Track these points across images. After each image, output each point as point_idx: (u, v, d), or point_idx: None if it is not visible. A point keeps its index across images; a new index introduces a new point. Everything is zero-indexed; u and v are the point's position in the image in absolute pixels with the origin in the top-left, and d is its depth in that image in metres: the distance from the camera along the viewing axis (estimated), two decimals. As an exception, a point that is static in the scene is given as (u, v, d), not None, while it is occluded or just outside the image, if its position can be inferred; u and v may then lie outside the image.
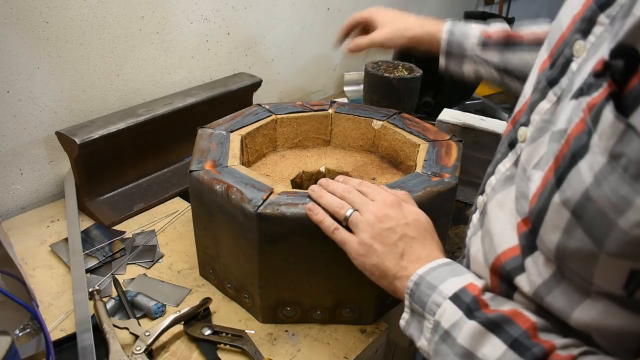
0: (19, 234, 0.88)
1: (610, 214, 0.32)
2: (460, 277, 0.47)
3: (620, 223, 0.32)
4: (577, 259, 0.36)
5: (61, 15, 0.89)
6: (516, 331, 0.40)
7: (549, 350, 0.38)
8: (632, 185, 0.31)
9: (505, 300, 0.44)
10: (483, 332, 0.42)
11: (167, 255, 0.84)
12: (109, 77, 1.00)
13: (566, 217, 0.35)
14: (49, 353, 0.60)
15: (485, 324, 0.42)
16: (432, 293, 0.48)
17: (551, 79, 0.43)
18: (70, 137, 0.85)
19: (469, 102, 1.38)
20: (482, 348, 0.41)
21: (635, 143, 0.30)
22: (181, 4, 1.07)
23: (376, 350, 0.73)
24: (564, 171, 0.36)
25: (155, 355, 0.65)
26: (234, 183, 0.66)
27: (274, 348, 0.68)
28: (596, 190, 0.33)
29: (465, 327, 0.43)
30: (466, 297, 0.45)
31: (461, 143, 0.80)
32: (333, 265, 0.66)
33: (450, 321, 0.45)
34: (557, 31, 0.45)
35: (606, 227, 0.33)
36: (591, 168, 0.33)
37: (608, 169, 0.32)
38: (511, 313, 0.41)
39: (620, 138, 0.31)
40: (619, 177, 0.31)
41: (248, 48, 1.28)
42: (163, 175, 1.04)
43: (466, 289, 0.45)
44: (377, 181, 0.78)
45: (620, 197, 0.31)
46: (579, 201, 0.34)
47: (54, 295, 0.76)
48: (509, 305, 0.43)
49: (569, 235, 0.36)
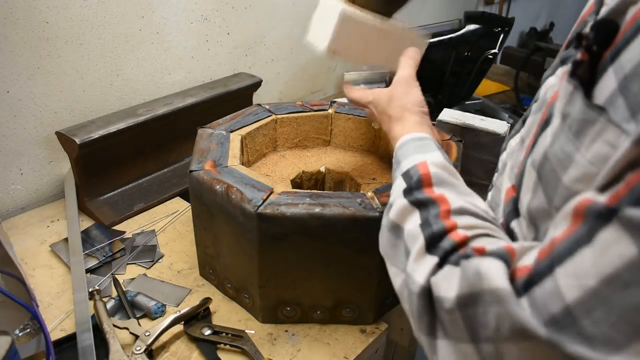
0: (19, 234, 0.88)
1: (558, 171, 0.34)
2: (422, 154, 0.50)
3: (564, 179, 0.33)
4: (540, 219, 0.37)
5: (61, 15, 0.89)
6: (433, 211, 0.42)
7: (449, 228, 0.40)
8: (573, 142, 0.33)
9: (447, 179, 0.46)
10: (409, 209, 0.45)
11: (167, 255, 0.84)
12: (109, 77, 1.00)
13: (533, 178, 0.38)
14: (49, 353, 0.60)
15: (413, 202, 0.45)
16: (396, 168, 0.51)
17: (565, 57, 0.44)
18: (70, 137, 0.85)
19: (469, 102, 1.38)
20: (405, 222, 0.45)
21: (577, 103, 0.33)
22: (181, 4, 1.07)
23: (376, 350, 0.73)
24: (538, 135, 0.38)
25: (155, 355, 0.65)
26: (234, 183, 0.66)
27: (274, 348, 0.68)
28: (550, 149, 0.35)
29: (397, 203, 0.46)
30: (414, 174, 0.47)
31: (461, 143, 0.80)
32: (333, 265, 0.66)
33: (393, 195, 0.48)
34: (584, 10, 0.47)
35: (555, 183, 0.34)
36: (552, 129, 0.36)
37: (559, 129, 0.34)
38: (438, 197, 0.43)
39: (569, 99, 0.34)
40: (565, 135, 0.33)
41: (248, 48, 1.28)
42: (163, 175, 1.04)
43: (417, 166, 0.48)
44: (377, 181, 0.78)
45: (565, 153, 0.33)
46: (540, 161, 0.36)
47: (54, 295, 0.76)
48: (443, 189, 0.45)
49: (534, 194, 0.38)
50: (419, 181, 0.46)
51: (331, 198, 0.64)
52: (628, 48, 0.30)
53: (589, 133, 0.31)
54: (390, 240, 0.47)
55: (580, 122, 0.32)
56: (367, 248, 0.64)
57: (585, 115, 0.32)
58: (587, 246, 0.28)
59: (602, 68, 0.32)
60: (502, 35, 1.28)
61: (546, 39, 1.96)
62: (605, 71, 0.32)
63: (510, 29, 1.31)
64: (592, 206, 0.29)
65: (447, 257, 0.38)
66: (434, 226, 0.41)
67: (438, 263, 0.39)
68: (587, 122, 0.31)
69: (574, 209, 0.30)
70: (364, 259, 0.65)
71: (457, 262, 0.37)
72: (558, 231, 0.31)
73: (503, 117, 1.33)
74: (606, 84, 0.31)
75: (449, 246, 0.39)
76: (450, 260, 0.38)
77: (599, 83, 0.32)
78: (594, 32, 0.33)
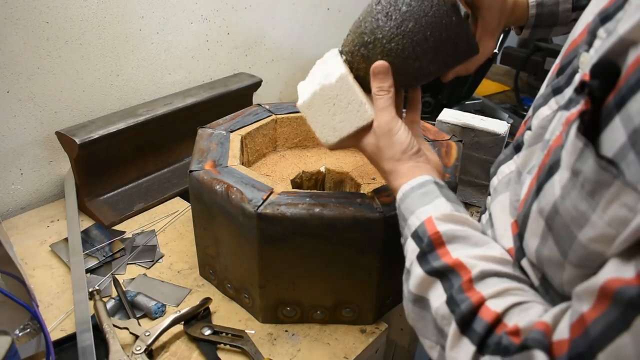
0: (19, 234, 0.88)
1: (572, 227, 0.33)
2: (426, 206, 0.48)
3: (580, 237, 0.33)
4: (549, 267, 0.37)
5: (61, 15, 0.89)
6: (455, 283, 0.41)
7: (477, 304, 0.39)
8: (588, 202, 0.32)
9: (458, 232, 0.45)
10: (429, 280, 0.43)
11: (167, 255, 0.84)
12: (109, 77, 1.00)
13: (541, 226, 0.37)
14: (49, 353, 0.60)
15: (430, 273, 0.43)
16: (404, 225, 0.49)
17: (556, 87, 0.44)
18: (70, 137, 0.85)
19: (469, 102, 1.38)
20: (428, 295, 0.44)
21: (590, 162, 0.31)
22: (181, 4, 1.07)
23: (376, 350, 0.73)
24: (543, 181, 0.37)
25: (155, 355, 0.65)
26: (234, 183, 0.66)
27: (274, 348, 0.68)
28: (562, 204, 0.34)
29: (415, 273, 0.45)
30: (424, 236, 0.45)
31: (461, 143, 0.80)
32: (333, 265, 0.66)
33: (408, 259, 0.47)
34: (571, 36, 0.46)
35: (569, 239, 0.34)
36: (560, 181, 0.34)
37: (571, 185, 0.33)
38: (455, 264, 0.42)
39: (579, 156, 0.32)
40: (578, 193, 0.33)
41: (248, 48, 1.28)
42: (163, 175, 1.04)
43: (424, 225, 0.46)
44: (377, 181, 0.78)
45: (579, 212, 0.32)
46: (549, 212, 0.35)
47: (54, 295, 0.76)
48: (456, 246, 0.44)
49: (544, 243, 0.37)
50: (430, 244, 0.44)
51: (331, 198, 0.64)
52: (635, 98, 0.29)
53: (604, 195, 0.31)
54: (417, 312, 0.45)
55: (594, 182, 0.31)
56: (367, 248, 0.64)
57: (599, 176, 0.31)
58: (625, 332, 0.28)
59: (607, 114, 0.31)
60: (502, 35, 1.28)
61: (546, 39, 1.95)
62: (612, 119, 0.31)
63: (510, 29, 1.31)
64: (624, 290, 0.29)
65: (485, 343, 0.38)
66: (462, 305, 0.40)
67: (476, 350, 0.38)
68: (602, 184, 0.31)
69: (602, 287, 0.30)
70: (364, 259, 0.65)
71: (495, 351, 0.37)
72: (585, 306, 0.31)
73: (503, 117, 1.33)
74: (614, 134, 0.30)
75: (483, 330, 0.38)
76: (489, 348, 0.37)
77: (606, 131, 0.31)
78: (595, 77, 0.32)
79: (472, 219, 0.47)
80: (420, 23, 0.52)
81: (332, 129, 0.57)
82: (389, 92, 0.54)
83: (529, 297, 0.39)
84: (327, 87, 0.56)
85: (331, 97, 0.56)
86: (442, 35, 0.52)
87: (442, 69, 0.56)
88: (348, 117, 0.56)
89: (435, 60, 0.54)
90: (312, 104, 0.58)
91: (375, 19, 0.54)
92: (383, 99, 0.54)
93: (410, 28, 0.52)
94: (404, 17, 0.52)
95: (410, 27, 0.52)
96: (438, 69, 0.56)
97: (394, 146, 0.53)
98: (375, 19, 0.54)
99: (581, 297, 0.32)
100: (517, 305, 0.38)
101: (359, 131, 0.56)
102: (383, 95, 0.54)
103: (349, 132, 0.56)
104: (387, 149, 0.53)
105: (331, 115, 0.57)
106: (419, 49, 0.53)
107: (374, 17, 0.54)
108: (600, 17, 0.38)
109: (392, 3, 0.53)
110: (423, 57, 0.54)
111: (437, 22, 0.52)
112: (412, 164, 0.52)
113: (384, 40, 0.54)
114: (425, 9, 0.51)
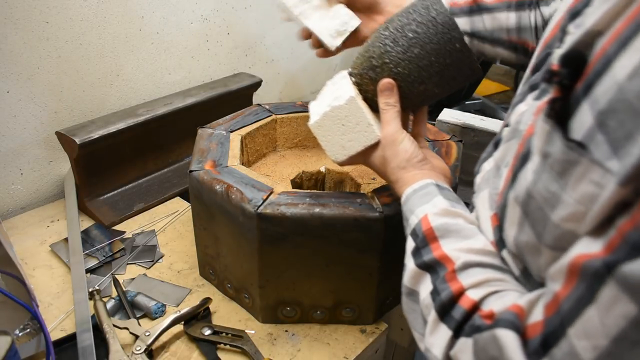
0: (19, 234, 0.88)
1: (545, 209, 0.34)
2: (425, 205, 0.49)
3: (553, 217, 0.33)
4: (527, 253, 0.38)
5: (61, 15, 0.89)
6: (440, 274, 0.43)
7: (457, 294, 0.41)
8: (558, 182, 0.33)
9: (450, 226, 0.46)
10: (419, 273, 0.46)
11: (167, 255, 0.84)
12: (109, 77, 1.00)
13: (518, 213, 0.38)
14: (49, 353, 0.60)
15: (421, 266, 0.45)
16: (406, 226, 0.51)
17: (533, 84, 0.45)
18: (70, 137, 0.85)
19: (469, 102, 1.39)
20: (419, 288, 0.46)
21: (558, 143, 0.33)
22: (181, 4, 1.07)
23: (376, 350, 0.73)
24: (517, 170, 0.38)
25: (155, 355, 0.65)
26: (234, 183, 0.66)
27: (274, 348, 0.68)
28: (534, 187, 0.35)
29: (408, 267, 0.47)
30: (419, 232, 0.47)
31: (461, 143, 0.80)
32: (333, 265, 0.66)
33: (406, 257, 0.49)
34: (544, 35, 0.47)
35: (543, 221, 0.35)
36: (532, 167, 0.36)
37: (541, 168, 0.34)
38: (442, 257, 0.44)
39: (547, 139, 0.34)
40: (548, 174, 0.34)
41: (248, 48, 1.28)
42: (163, 175, 1.04)
43: (420, 222, 0.48)
44: (377, 181, 0.78)
45: (550, 192, 0.33)
46: (524, 198, 0.37)
47: (54, 295, 0.75)
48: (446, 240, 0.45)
49: (521, 229, 0.38)
50: (424, 239, 0.46)
51: (331, 198, 0.64)
52: (600, 82, 0.30)
53: (573, 173, 0.31)
54: (409, 305, 0.47)
55: (563, 162, 0.32)
56: (367, 248, 0.64)
57: (567, 156, 0.32)
58: (591, 305, 0.29)
59: (575, 100, 0.32)
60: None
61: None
62: (580, 104, 0.32)
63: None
64: (589, 263, 0.29)
65: (461, 328, 0.39)
66: (442, 294, 0.41)
67: (453, 335, 0.39)
68: (570, 163, 0.32)
69: (571, 264, 0.31)
70: (364, 259, 0.65)
71: (470, 333, 0.38)
72: (557, 285, 0.32)
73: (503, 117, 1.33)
74: (582, 118, 0.31)
75: (460, 316, 0.39)
76: (464, 332, 0.39)
77: (575, 116, 0.32)
78: (564, 66, 0.33)
79: (467, 213, 0.48)
80: (425, 49, 0.55)
81: (341, 147, 0.61)
82: (395, 106, 0.57)
83: (509, 286, 0.40)
84: (337, 109, 0.59)
85: (340, 117, 0.59)
86: (447, 61, 0.55)
87: (446, 91, 0.59)
88: (356, 136, 0.59)
89: (440, 84, 0.57)
90: (323, 124, 0.61)
91: (383, 44, 0.57)
92: (389, 113, 0.57)
93: (416, 54, 0.55)
94: (410, 43, 0.55)
95: (416, 52, 0.55)
96: (442, 92, 0.59)
97: (398, 155, 0.55)
98: (383, 44, 0.57)
99: (554, 278, 0.33)
100: (495, 293, 0.40)
101: (366, 149, 0.59)
102: (389, 109, 0.57)
103: (357, 151, 0.60)
104: (392, 159, 0.56)
105: (340, 135, 0.60)
106: (425, 74, 0.56)
107: (381, 42, 0.57)
108: (569, 14, 0.40)
109: (399, 30, 0.56)
110: (428, 81, 0.57)
111: (441, 48, 0.55)
112: (416, 171, 0.54)
113: (391, 64, 0.57)
114: (430, 36, 0.54)
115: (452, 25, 0.54)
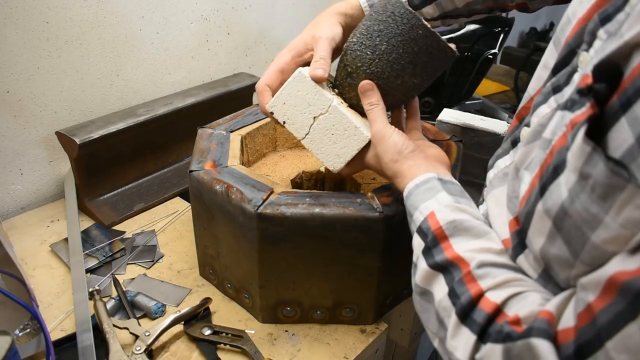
0: (19, 234, 0.88)
1: (584, 229, 0.34)
2: (429, 201, 0.49)
3: (593, 238, 0.33)
4: (557, 264, 0.38)
5: (61, 15, 0.89)
6: (456, 276, 0.43)
7: (476, 296, 0.40)
8: (599, 205, 0.32)
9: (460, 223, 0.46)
10: (433, 274, 0.46)
11: (167, 255, 0.84)
12: (109, 77, 1.00)
13: (548, 225, 0.37)
14: (49, 353, 0.60)
15: (434, 267, 0.45)
16: (410, 220, 0.51)
17: (556, 85, 0.44)
18: (70, 137, 0.85)
19: (469, 102, 1.38)
20: (432, 288, 0.46)
21: (600, 166, 0.32)
22: (181, 4, 1.07)
23: (376, 350, 0.73)
24: (547, 182, 0.37)
25: (155, 355, 0.65)
26: (234, 183, 0.66)
27: (274, 348, 0.68)
28: (571, 206, 0.34)
29: (420, 267, 0.47)
30: (427, 231, 0.47)
31: (461, 143, 0.80)
32: (333, 265, 0.66)
33: (415, 254, 0.49)
34: (560, 35, 0.46)
35: (581, 240, 0.34)
36: (567, 184, 0.35)
37: (579, 187, 0.34)
38: (456, 258, 0.44)
39: (588, 159, 0.33)
40: (588, 196, 0.33)
41: (248, 48, 1.28)
42: (163, 175, 1.04)
43: (427, 220, 0.48)
44: (377, 181, 0.78)
45: (590, 214, 0.33)
46: (557, 213, 0.36)
47: (54, 295, 0.75)
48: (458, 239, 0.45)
49: (551, 242, 0.37)
50: (434, 238, 0.46)
51: (331, 198, 0.64)
52: None
53: (617, 198, 0.31)
54: (422, 305, 0.48)
55: (606, 186, 0.31)
56: (367, 248, 0.64)
57: (611, 180, 0.31)
58: (633, 322, 0.29)
59: (612, 115, 0.32)
60: (502, 35, 1.28)
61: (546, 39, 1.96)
62: (617, 120, 0.31)
63: (510, 29, 1.31)
64: (632, 282, 0.29)
65: (485, 332, 0.39)
66: (462, 297, 0.41)
67: (477, 339, 0.39)
68: (614, 187, 0.31)
69: (610, 279, 0.31)
70: (364, 259, 0.65)
71: (497, 339, 0.38)
72: (591, 296, 0.32)
73: (503, 117, 1.32)
74: (621, 135, 0.31)
75: (483, 320, 0.39)
76: (490, 337, 0.38)
77: (612, 132, 0.32)
78: (599, 79, 0.33)
79: (473, 209, 0.48)
80: (391, 44, 0.57)
81: (336, 155, 0.63)
82: (378, 104, 0.60)
83: (528, 286, 0.40)
84: (323, 120, 0.62)
85: (328, 127, 0.62)
86: (414, 49, 0.57)
87: (425, 79, 0.61)
88: (348, 142, 0.61)
89: (415, 73, 0.59)
90: (314, 138, 0.63)
91: (353, 50, 0.60)
92: (373, 112, 0.60)
93: (384, 50, 0.58)
94: (376, 42, 0.58)
95: (384, 49, 0.58)
96: (422, 81, 0.61)
97: (389, 150, 0.57)
98: (353, 50, 0.60)
99: (587, 288, 0.33)
100: (516, 295, 0.39)
101: (361, 152, 0.62)
102: (373, 108, 0.60)
103: (352, 155, 0.62)
104: (384, 154, 0.57)
105: (332, 144, 0.62)
106: (397, 66, 0.58)
107: (352, 49, 0.60)
108: (599, 18, 0.38)
109: (364, 33, 0.59)
110: (403, 73, 0.59)
111: (405, 39, 0.57)
112: (410, 162, 0.55)
113: (364, 67, 0.59)
114: (392, 30, 0.57)
115: (409, 14, 0.56)
